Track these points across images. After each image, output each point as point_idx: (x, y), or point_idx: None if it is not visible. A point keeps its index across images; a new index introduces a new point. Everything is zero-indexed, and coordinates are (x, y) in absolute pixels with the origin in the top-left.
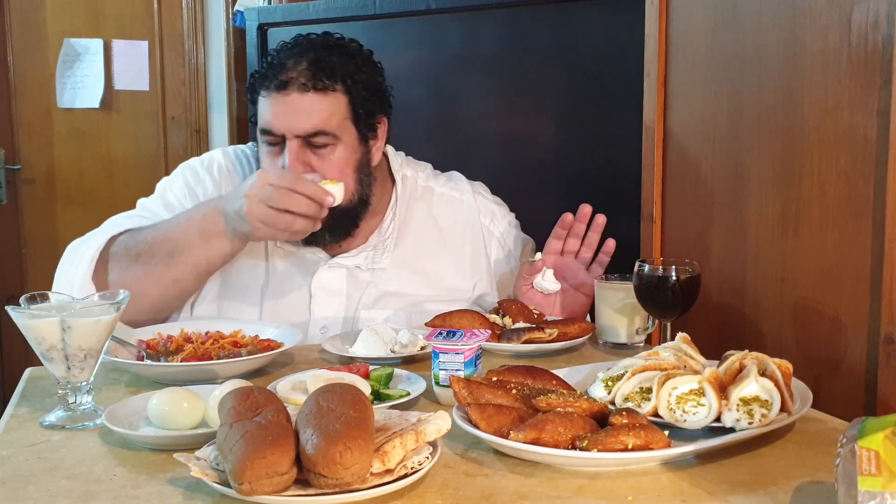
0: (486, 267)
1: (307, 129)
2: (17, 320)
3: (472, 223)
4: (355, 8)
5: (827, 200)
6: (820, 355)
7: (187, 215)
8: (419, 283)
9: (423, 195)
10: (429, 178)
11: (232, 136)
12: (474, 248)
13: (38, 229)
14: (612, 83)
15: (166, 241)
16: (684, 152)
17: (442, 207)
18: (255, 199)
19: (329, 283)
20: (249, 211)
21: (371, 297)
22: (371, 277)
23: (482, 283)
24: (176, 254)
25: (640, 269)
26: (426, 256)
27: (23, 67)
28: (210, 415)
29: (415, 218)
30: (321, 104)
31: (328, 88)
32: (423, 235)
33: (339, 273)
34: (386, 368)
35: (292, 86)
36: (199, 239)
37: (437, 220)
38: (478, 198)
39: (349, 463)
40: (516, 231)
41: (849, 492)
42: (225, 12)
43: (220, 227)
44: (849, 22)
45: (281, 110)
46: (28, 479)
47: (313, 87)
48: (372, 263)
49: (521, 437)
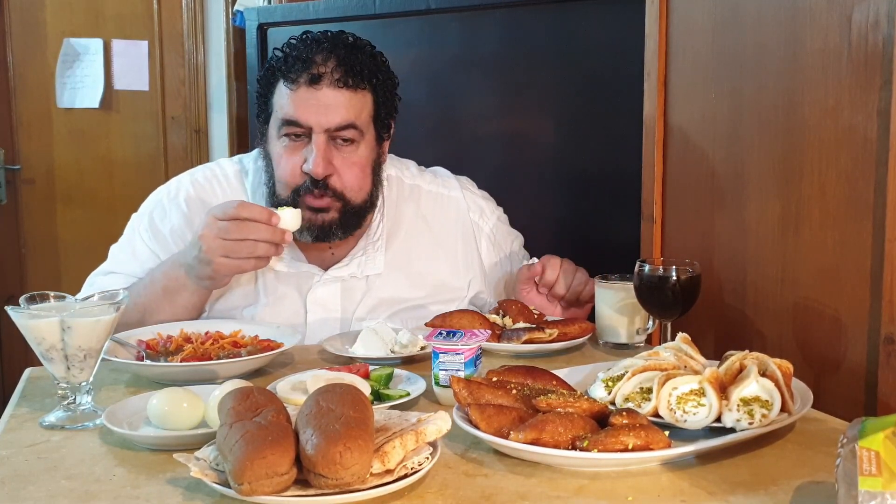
0: (478, 264)
1: (338, 123)
2: (17, 320)
3: (461, 220)
4: (355, 8)
5: (827, 200)
6: (820, 355)
7: (151, 276)
8: (414, 286)
9: (410, 194)
10: (415, 176)
11: (232, 135)
12: (466, 246)
13: (38, 229)
14: (612, 83)
15: (135, 309)
16: (684, 152)
17: (431, 206)
18: (209, 238)
19: (324, 298)
20: (208, 250)
21: (366, 308)
22: (366, 286)
23: (476, 281)
24: (145, 318)
25: (640, 269)
26: (419, 257)
27: (23, 67)
28: (210, 415)
29: (404, 218)
30: (352, 100)
31: (358, 86)
32: (414, 236)
33: (333, 288)
34: (386, 368)
35: (325, 80)
36: (164, 299)
37: (427, 219)
38: (466, 193)
39: (349, 463)
40: (505, 226)
41: (849, 492)
42: (225, 12)
43: (181, 281)
44: (849, 22)
45: (312, 103)
46: (28, 479)
47: (345, 84)
48: (365, 270)
49: (521, 437)
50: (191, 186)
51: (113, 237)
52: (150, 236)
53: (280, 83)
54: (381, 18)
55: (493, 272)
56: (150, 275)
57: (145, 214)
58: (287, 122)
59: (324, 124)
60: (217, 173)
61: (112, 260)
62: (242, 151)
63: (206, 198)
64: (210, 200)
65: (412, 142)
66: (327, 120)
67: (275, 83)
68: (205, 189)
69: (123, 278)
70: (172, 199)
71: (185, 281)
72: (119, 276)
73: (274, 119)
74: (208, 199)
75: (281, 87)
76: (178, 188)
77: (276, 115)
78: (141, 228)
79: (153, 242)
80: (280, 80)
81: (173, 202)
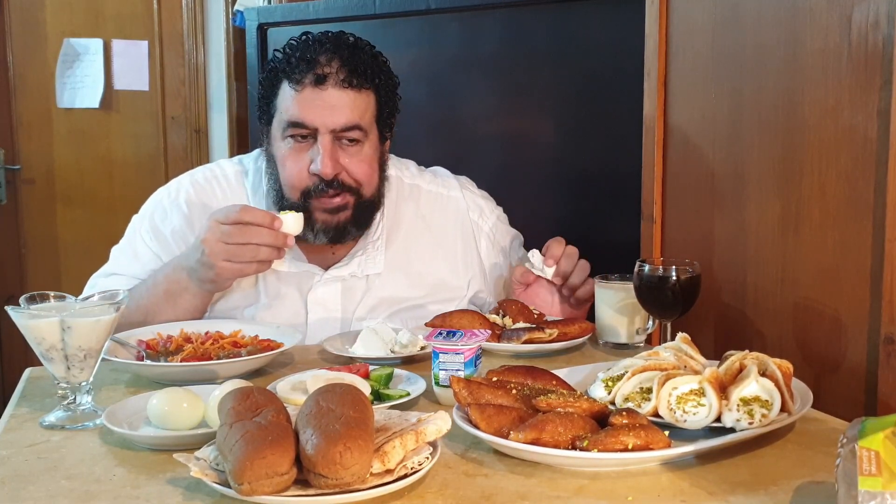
0: (478, 263)
1: (343, 124)
2: (17, 320)
3: (461, 220)
4: (355, 8)
5: (827, 200)
6: (820, 355)
7: (153, 279)
8: (413, 286)
9: (410, 194)
10: (414, 176)
11: (232, 135)
12: (465, 245)
13: (38, 229)
14: (612, 83)
15: (137, 311)
16: (684, 152)
17: (430, 206)
18: (212, 242)
19: (324, 298)
20: (210, 254)
21: (366, 308)
22: (366, 285)
23: (476, 280)
24: (147, 320)
25: (640, 269)
26: (418, 257)
27: (23, 67)
28: (210, 415)
29: (404, 219)
30: (357, 101)
31: (362, 86)
32: (414, 236)
33: (333, 287)
34: (386, 368)
35: (330, 81)
36: (166, 301)
37: (427, 219)
38: (465, 193)
39: (349, 463)
40: (505, 226)
41: (849, 492)
42: (225, 12)
43: (183, 284)
44: (849, 22)
45: (317, 104)
46: (28, 479)
47: (350, 85)
48: (365, 269)
49: (521, 437)
50: (191, 187)
51: (113, 237)
52: (151, 237)
53: (284, 84)
54: (381, 18)
55: (492, 271)
56: (153, 277)
57: (146, 216)
58: (292, 124)
59: (329, 125)
60: (217, 174)
61: (113, 261)
62: (242, 151)
63: (207, 199)
64: (210, 201)
65: (412, 142)
66: (333, 121)
67: (278, 85)
68: (205, 190)
69: (125, 280)
70: (173, 200)
71: (188, 284)
72: (121, 277)
73: (278, 121)
74: (208, 200)
75: (285, 88)
76: (179, 189)
77: (280, 117)
78: (142, 230)
79: (154, 244)
80: (283, 82)
81: (174, 203)
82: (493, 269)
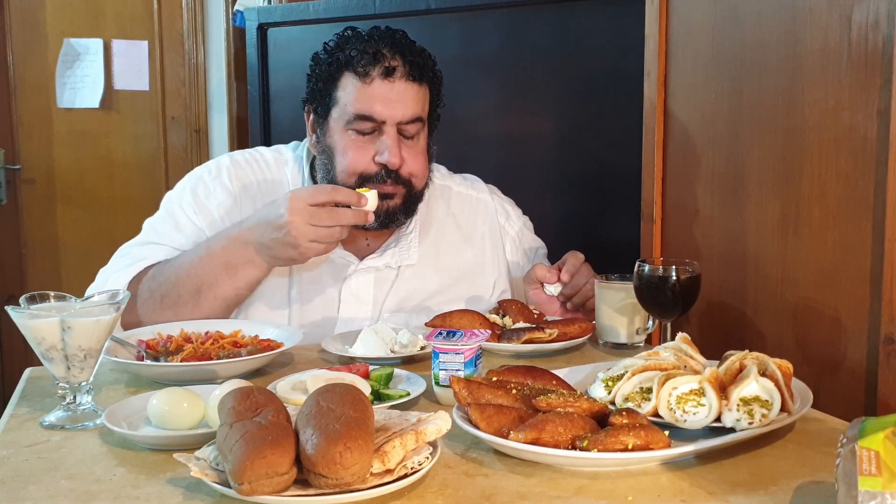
0: (504, 265)
1: (410, 116)
2: (17, 320)
3: (490, 221)
4: (355, 8)
5: (827, 200)
6: (820, 355)
7: (207, 249)
8: (443, 280)
9: (441, 194)
10: (445, 177)
11: (232, 135)
12: (493, 246)
13: (38, 229)
14: (612, 83)
15: (189, 280)
16: (684, 152)
17: (461, 206)
18: (299, 224)
19: (358, 287)
20: (297, 234)
21: (395, 299)
22: (398, 276)
23: (501, 280)
24: (203, 290)
25: (640, 269)
26: (448, 253)
27: (23, 67)
28: (210, 415)
29: (435, 216)
30: (419, 94)
31: (423, 80)
32: (444, 232)
33: (367, 277)
34: (386, 368)
35: (398, 73)
36: (225, 273)
37: (457, 218)
38: (494, 197)
39: (349, 463)
40: (531, 234)
41: (849, 492)
42: (225, 12)
43: (248, 257)
44: (849, 22)
45: (388, 97)
46: (28, 479)
47: (414, 78)
48: (399, 260)
49: (521, 437)
50: (232, 167)
51: (113, 237)
52: (193, 211)
53: (347, 77)
54: (381, 18)
55: (516, 275)
56: (205, 249)
57: (186, 190)
58: (360, 117)
59: (397, 117)
60: (257, 157)
61: (152, 231)
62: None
63: (247, 179)
64: (250, 181)
65: None
66: (402, 113)
67: (338, 77)
68: (244, 171)
69: (165, 250)
70: (215, 177)
71: (254, 257)
72: (161, 247)
73: (340, 112)
74: (248, 180)
75: (348, 80)
76: (220, 168)
77: (342, 109)
78: (184, 203)
79: (197, 217)
80: (346, 74)
81: (217, 180)
82: (517, 274)
